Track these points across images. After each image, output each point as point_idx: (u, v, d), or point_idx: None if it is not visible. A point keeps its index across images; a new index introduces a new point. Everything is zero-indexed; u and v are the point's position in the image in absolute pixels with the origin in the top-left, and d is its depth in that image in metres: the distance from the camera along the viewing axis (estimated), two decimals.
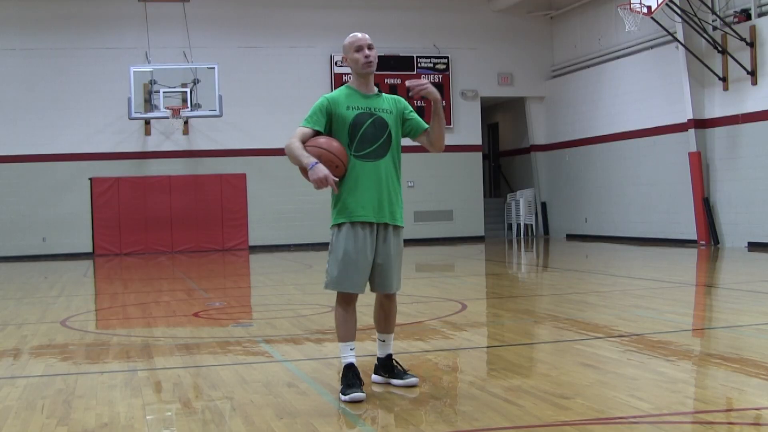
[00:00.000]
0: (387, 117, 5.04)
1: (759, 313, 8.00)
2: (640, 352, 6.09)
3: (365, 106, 5.01)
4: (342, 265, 4.89)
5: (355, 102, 5.01)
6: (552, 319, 8.07)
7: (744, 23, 16.75)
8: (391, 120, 5.05)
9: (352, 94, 5.05)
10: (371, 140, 4.96)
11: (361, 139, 4.95)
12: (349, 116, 4.96)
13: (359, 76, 5.07)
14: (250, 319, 9.06)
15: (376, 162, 4.95)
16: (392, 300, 5.13)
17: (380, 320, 5.17)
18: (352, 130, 4.96)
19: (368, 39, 5.04)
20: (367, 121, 4.97)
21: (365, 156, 4.94)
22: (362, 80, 5.08)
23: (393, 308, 5.15)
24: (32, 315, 9.43)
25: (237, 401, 4.96)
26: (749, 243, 16.78)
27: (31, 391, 5.39)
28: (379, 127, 4.99)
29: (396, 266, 5.01)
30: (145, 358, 6.51)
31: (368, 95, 5.06)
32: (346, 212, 4.92)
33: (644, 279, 11.78)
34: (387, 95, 5.18)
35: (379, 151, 4.97)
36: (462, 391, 5.08)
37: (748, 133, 16.80)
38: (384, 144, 4.99)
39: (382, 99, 5.10)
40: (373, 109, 5.02)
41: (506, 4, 22.84)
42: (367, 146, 4.95)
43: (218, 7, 21.67)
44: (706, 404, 4.65)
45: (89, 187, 20.92)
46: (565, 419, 4.32)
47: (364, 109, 4.99)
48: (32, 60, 20.75)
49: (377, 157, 4.96)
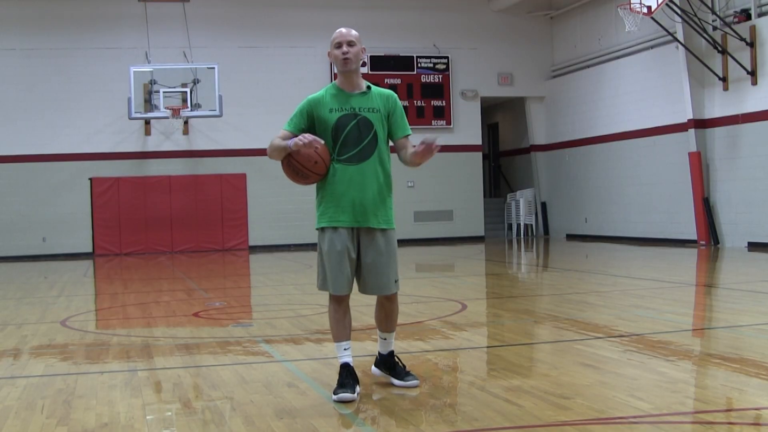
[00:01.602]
0: (372, 116, 4.91)
1: (759, 313, 8.00)
2: (640, 352, 6.09)
3: (349, 106, 4.89)
4: (326, 268, 4.89)
5: (338, 103, 4.91)
6: (552, 319, 8.07)
7: (744, 23, 16.75)
8: (376, 119, 4.92)
9: (337, 94, 4.95)
10: (355, 143, 4.86)
11: (344, 143, 4.86)
12: (332, 119, 4.88)
13: (341, 73, 4.95)
14: (250, 319, 9.06)
15: (359, 165, 4.86)
16: (392, 301, 5.07)
17: (381, 320, 5.15)
18: (334, 134, 4.88)
19: (350, 35, 4.90)
20: (350, 123, 4.87)
21: (348, 159, 4.86)
22: (346, 78, 4.94)
23: (394, 309, 5.10)
24: (32, 315, 9.43)
25: (237, 401, 4.96)
26: (749, 243, 16.78)
27: (31, 391, 5.39)
28: (363, 128, 4.88)
29: (386, 268, 4.92)
30: (145, 358, 6.51)
31: (353, 94, 4.94)
32: (328, 217, 4.89)
33: (644, 279, 11.78)
34: (377, 91, 5.00)
35: (364, 153, 4.87)
36: (462, 391, 5.08)
37: (748, 133, 16.80)
38: (369, 145, 4.88)
39: (369, 96, 4.96)
40: (358, 110, 4.89)
41: (506, 4, 22.85)
42: (350, 149, 4.86)
43: (218, 7, 21.67)
44: (706, 404, 4.65)
45: (89, 187, 20.92)
46: (565, 419, 4.32)
47: (347, 111, 4.88)
48: (32, 60, 20.75)
49: (361, 159, 4.86)
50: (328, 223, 4.89)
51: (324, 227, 4.92)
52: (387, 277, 4.94)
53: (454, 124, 22.95)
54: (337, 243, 4.86)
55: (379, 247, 4.92)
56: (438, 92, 22.68)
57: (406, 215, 21.92)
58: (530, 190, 24.11)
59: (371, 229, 4.90)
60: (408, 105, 22.16)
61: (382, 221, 4.92)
